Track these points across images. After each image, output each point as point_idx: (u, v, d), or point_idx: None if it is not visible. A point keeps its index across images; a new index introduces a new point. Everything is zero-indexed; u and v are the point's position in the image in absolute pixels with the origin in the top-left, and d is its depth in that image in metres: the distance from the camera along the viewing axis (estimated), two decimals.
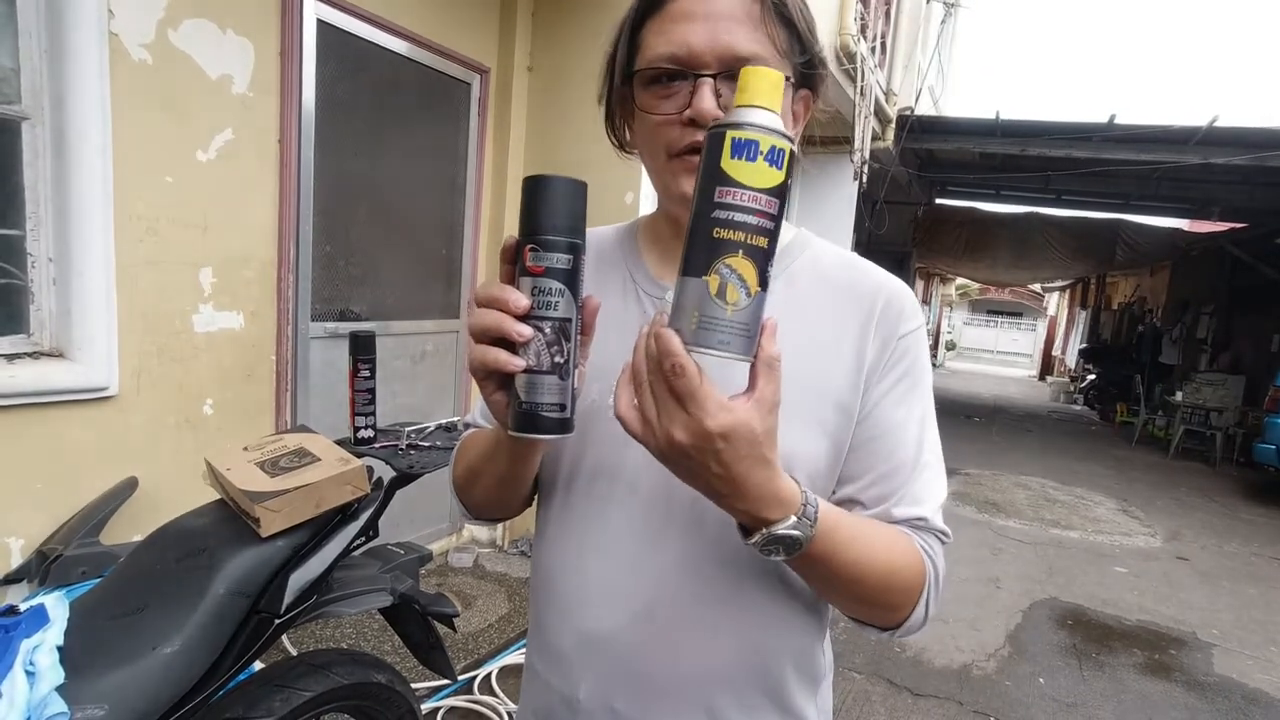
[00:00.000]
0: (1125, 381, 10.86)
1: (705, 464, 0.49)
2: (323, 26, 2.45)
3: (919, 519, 0.66)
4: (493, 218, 3.32)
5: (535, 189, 0.52)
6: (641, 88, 0.64)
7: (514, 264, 0.53)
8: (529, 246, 0.51)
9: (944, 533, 0.67)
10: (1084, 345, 15.03)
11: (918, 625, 0.65)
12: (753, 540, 0.54)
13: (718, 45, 0.60)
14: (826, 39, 4.21)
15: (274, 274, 2.40)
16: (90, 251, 1.87)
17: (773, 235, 0.48)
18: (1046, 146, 6.13)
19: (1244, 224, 8.68)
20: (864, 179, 5.27)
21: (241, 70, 2.19)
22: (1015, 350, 27.81)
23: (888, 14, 5.58)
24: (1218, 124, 5.43)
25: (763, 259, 0.47)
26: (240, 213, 2.26)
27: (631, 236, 0.77)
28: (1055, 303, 21.56)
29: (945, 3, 7.10)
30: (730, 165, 0.47)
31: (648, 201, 3.07)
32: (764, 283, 0.48)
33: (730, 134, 0.47)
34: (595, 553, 0.68)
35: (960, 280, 21.57)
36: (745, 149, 0.47)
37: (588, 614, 0.68)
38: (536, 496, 0.78)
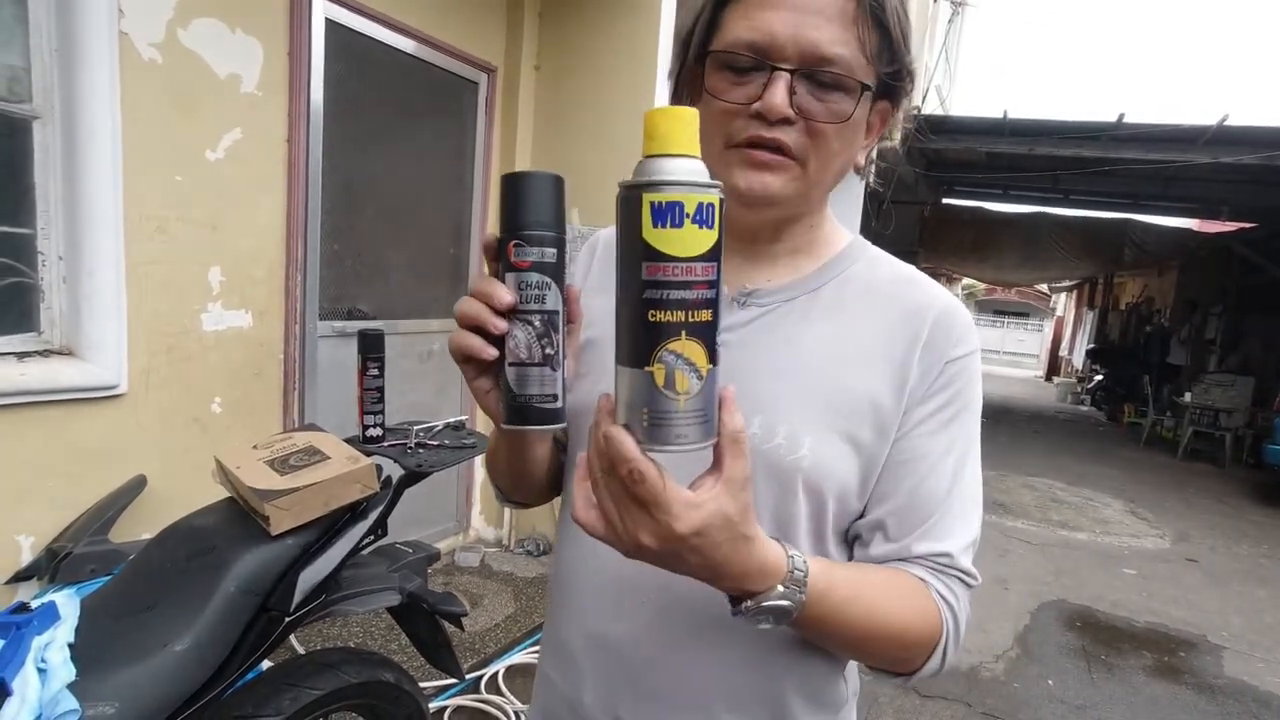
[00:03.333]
0: (1133, 382, 10.80)
1: (681, 559, 0.47)
2: (331, 25, 2.45)
3: (941, 555, 0.61)
4: (499, 217, 3.31)
5: (515, 185, 0.51)
6: (714, 70, 0.60)
7: (497, 260, 0.53)
8: (513, 242, 0.51)
9: (969, 574, 0.62)
10: (1091, 346, 14.95)
11: (932, 673, 0.62)
12: (738, 612, 0.52)
13: (802, 39, 0.56)
14: None
15: (282, 273, 2.40)
16: (100, 250, 1.87)
17: (715, 304, 0.43)
18: (1054, 146, 6.09)
19: (1253, 224, 8.61)
20: (870, 178, 5.25)
21: (250, 69, 2.20)
22: (1021, 351, 27.66)
23: None
24: (1228, 123, 5.40)
25: (709, 333, 0.43)
26: (249, 212, 2.27)
27: None
28: (1062, 303, 21.45)
29: (953, 2, 7.08)
30: (653, 235, 0.41)
31: None
32: (714, 357, 0.43)
33: (647, 197, 0.41)
34: (609, 552, 0.67)
35: (966, 280, 21.49)
36: (668, 214, 0.41)
37: (598, 614, 0.67)
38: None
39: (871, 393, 0.62)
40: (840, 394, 0.61)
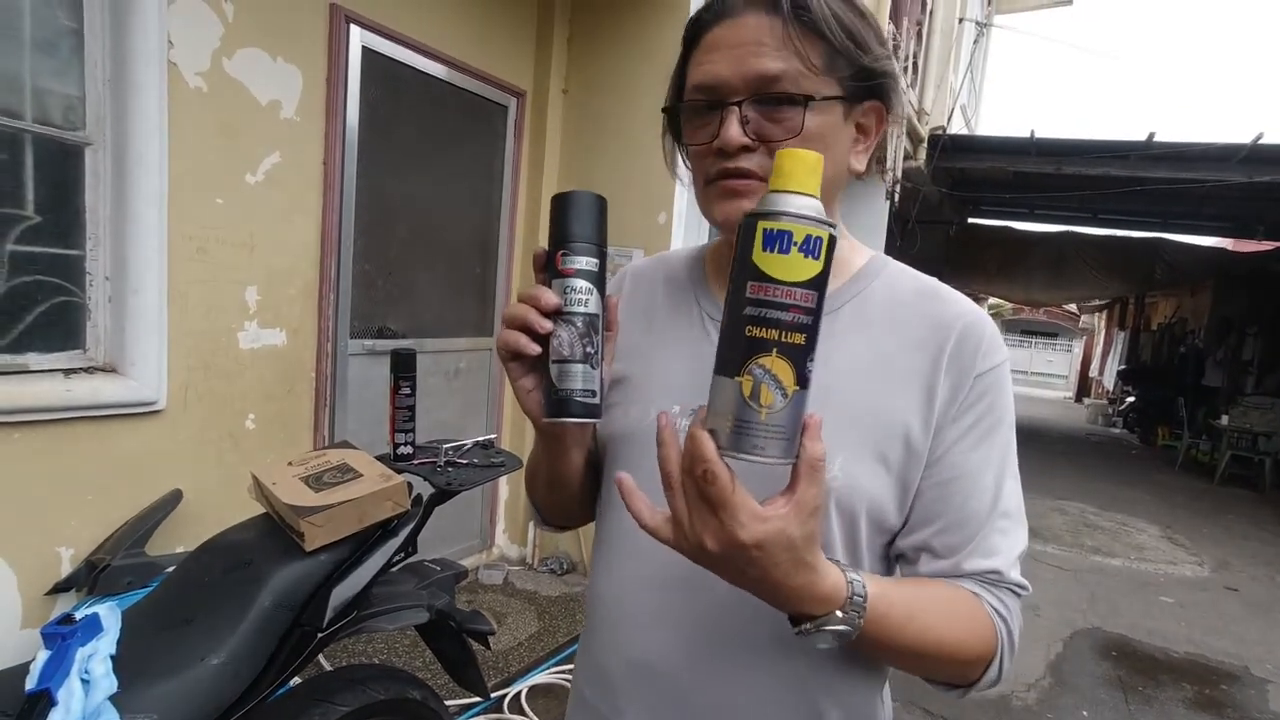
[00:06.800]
0: (1166, 404, 10.54)
1: (740, 570, 0.49)
2: (367, 53, 2.52)
3: (992, 572, 0.62)
4: (527, 237, 3.36)
5: (564, 203, 0.59)
6: (685, 120, 0.66)
7: (545, 272, 0.59)
8: (560, 252, 0.57)
9: (1020, 586, 0.64)
10: (1123, 367, 14.64)
11: (990, 685, 0.63)
12: (798, 631, 0.53)
13: (743, 69, 0.60)
14: None
15: (315, 292, 2.46)
16: (145, 270, 1.94)
17: (810, 330, 0.46)
18: (1083, 165, 6.03)
19: None
20: (896, 198, 5.24)
21: (290, 96, 2.27)
22: (1050, 371, 27.21)
23: (919, 34, 5.58)
24: (1263, 141, 5.31)
25: (800, 356, 0.45)
26: (285, 233, 2.33)
27: (700, 262, 0.77)
28: (1092, 323, 21.07)
29: (977, 23, 7.08)
30: (761, 258, 0.45)
31: (680, 221, 3.09)
32: (803, 381, 0.46)
33: (761, 225, 0.45)
34: (648, 577, 0.67)
35: (993, 300, 21.21)
36: (777, 240, 0.45)
37: (638, 639, 0.68)
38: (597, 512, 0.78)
39: (900, 410, 0.62)
40: (868, 413, 0.62)
